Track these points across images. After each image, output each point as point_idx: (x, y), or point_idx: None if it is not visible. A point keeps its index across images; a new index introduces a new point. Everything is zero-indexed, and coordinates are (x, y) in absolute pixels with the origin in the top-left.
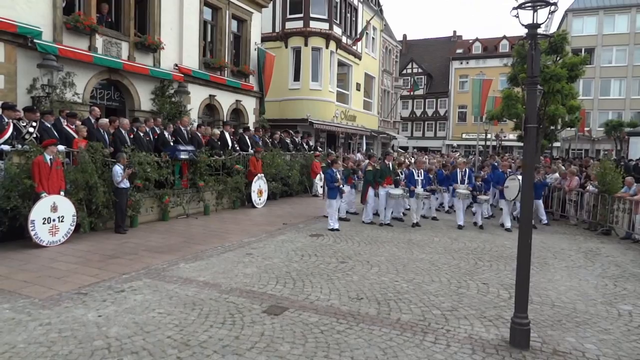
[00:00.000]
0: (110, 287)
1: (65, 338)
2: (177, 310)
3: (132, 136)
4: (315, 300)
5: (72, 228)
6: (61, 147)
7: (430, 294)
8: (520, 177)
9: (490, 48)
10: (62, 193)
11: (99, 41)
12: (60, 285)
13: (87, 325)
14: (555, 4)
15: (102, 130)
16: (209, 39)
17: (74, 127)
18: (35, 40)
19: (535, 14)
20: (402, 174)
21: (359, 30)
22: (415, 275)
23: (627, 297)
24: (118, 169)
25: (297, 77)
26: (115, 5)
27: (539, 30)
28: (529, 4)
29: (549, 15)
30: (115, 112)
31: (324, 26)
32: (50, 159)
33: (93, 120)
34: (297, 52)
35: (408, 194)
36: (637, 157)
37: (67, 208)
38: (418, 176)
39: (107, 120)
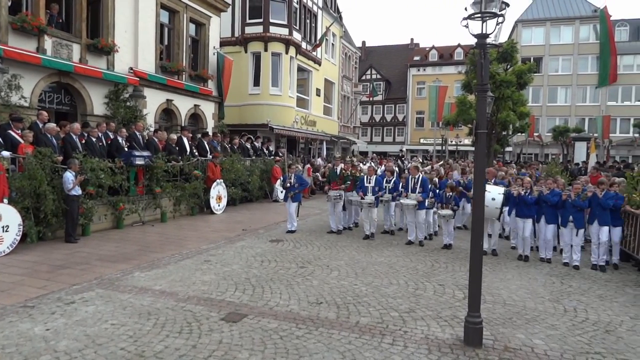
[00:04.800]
0: (60, 299)
1: (9, 354)
2: (131, 321)
3: (83, 141)
4: (274, 306)
5: (18, 238)
6: (6, 153)
7: (389, 296)
8: (490, 188)
9: (446, 56)
10: (5, 201)
11: (48, 42)
12: (5, 298)
13: (33, 339)
14: (502, 15)
15: (49, 136)
16: (165, 42)
17: (19, 132)
18: None
19: (484, 24)
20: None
21: (319, 36)
22: (374, 278)
23: (573, 294)
24: (69, 175)
25: (256, 82)
26: (66, 6)
27: (488, 40)
28: (478, 15)
29: (497, 26)
30: (65, 116)
31: (284, 32)
32: None
33: (41, 125)
34: (257, 57)
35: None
36: (582, 160)
37: (12, 217)
38: (368, 183)
39: (54, 125)
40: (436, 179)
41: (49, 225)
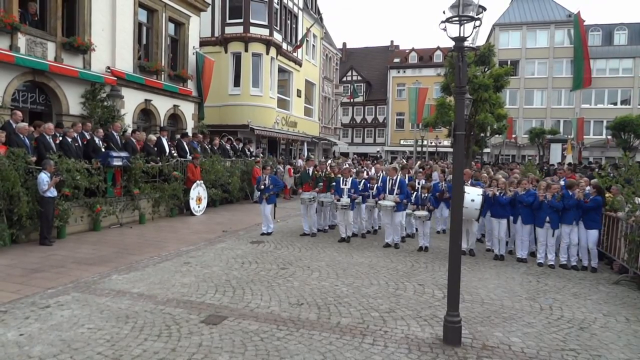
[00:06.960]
0: (34, 303)
1: None
2: (108, 325)
3: (57, 142)
4: (255, 308)
5: None
6: None
7: (369, 296)
8: (468, 189)
9: (425, 58)
10: None
11: (21, 40)
12: None
13: (6, 345)
14: (479, 19)
15: (22, 136)
16: (144, 41)
17: None
18: None
19: (462, 27)
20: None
21: (299, 37)
22: (354, 279)
23: (548, 292)
24: (44, 176)
25: (237, 83)
26: (41, 3)
27: (466, 43)
28: (456, 19)
29: (474, 30)
30: (40, 116)
31: (265, 32)
32: None
33: (14, 125)
34: (237, 58)
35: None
36: (557, 161)
37: None
38: (344, 185)
39: (25, 124)
40: (422, 181)
41: (23, 227)
